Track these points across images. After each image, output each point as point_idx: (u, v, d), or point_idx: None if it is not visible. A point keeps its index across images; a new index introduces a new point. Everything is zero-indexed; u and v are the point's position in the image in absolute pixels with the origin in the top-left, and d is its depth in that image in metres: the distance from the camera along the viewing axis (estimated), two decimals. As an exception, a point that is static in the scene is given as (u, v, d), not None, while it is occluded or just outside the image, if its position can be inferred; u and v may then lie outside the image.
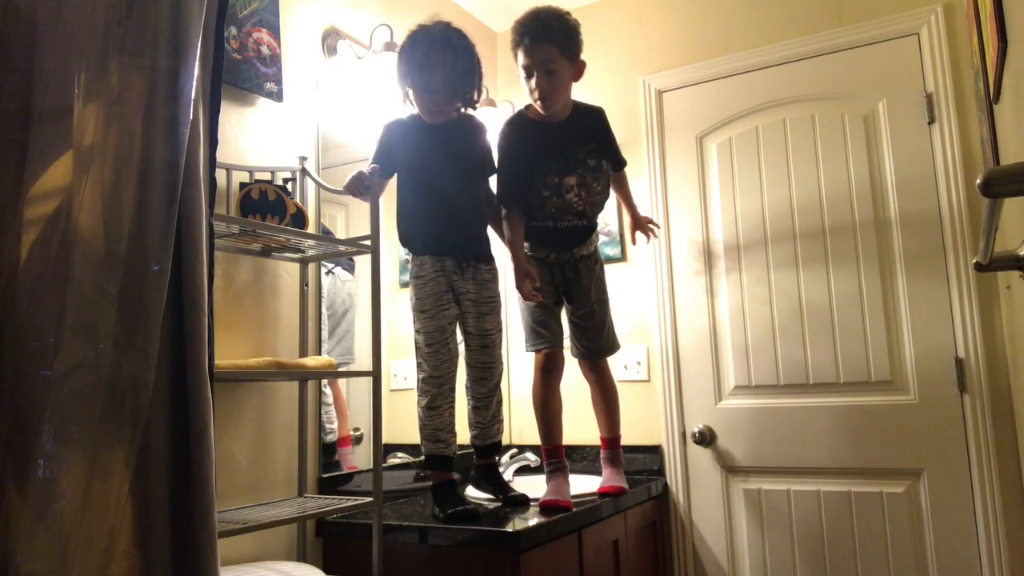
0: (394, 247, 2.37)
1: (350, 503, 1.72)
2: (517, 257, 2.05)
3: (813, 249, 2.41)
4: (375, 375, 1.79)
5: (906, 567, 2.19)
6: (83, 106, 1.00)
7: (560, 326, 2.17)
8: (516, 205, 2.10)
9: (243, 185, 1.76)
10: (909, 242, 2.28)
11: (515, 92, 2.15)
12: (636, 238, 2.38)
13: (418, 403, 1.94)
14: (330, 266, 2.14)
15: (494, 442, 2.05)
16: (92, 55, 1.02)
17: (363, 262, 2.15)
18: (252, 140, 1.91)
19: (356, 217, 2.21)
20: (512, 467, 2.47)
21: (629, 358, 2.64)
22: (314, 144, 2.09)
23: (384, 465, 2.10)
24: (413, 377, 2.01)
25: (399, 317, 2.36)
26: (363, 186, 1.88)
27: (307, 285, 1.98)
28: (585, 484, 2.25)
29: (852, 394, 2.32)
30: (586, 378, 2.24)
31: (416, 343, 1.96)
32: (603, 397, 2.22)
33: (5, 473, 0.92)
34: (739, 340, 2.49)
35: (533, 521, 1.80)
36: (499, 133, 2.15)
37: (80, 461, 0.95)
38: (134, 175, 1.04)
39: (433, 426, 1.92)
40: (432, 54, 1.93)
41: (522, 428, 2.78)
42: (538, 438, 2.13)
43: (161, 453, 1.03)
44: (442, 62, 1.93)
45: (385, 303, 1.99)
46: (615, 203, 2.59)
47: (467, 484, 2.17)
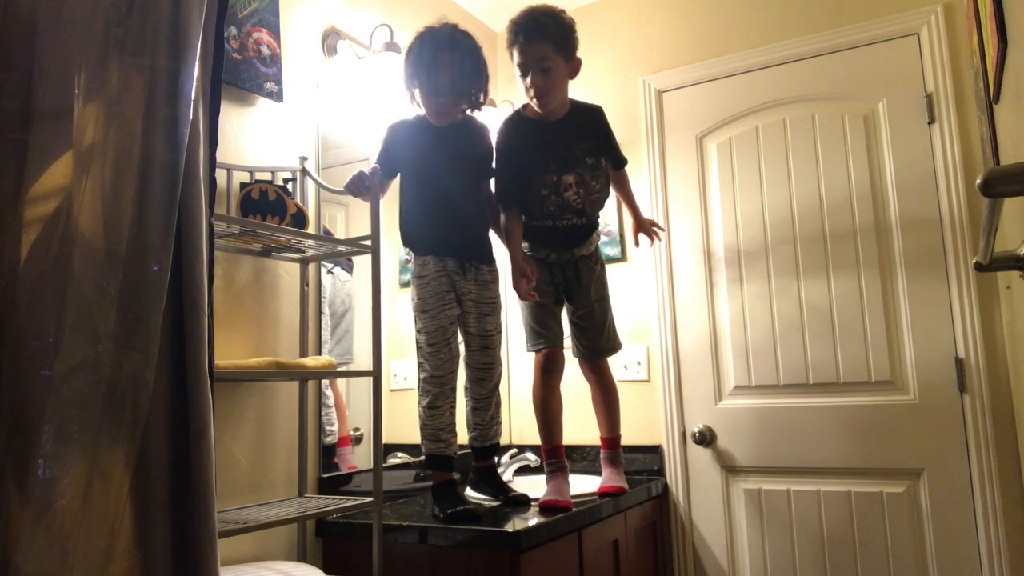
0: (394, 247, 2.37)
1: (350, 503, 1.73)
2: (514, 256, 2.05)
3: (813, 249, 2.41)
4: (375, 375, 1.79)
5: (906, 567, 2.19)
6: (83, 106, 1.00)
7: (560, 326, 2.17)
8: (514, 204, 2.11)
9: (243, 185, 1.76)
10: (909, 242, 2.28)
11: (515, 92, 2.15)
12: (639, 240, 2.36)
13: (419, 403, 1.94)
14: (330, 266, 2.14)
15: (493, 443, 2.06)
16: (92, 55, 1.02)
17: (362, 262, 2.15)
18: (252, 140, 1.91)
19: (356, 217, 2.21)
20: (512, 467, 2.47)
21: (629, 358, 2.64)
22: (314, 144, 2.09)
23: (384, 465, 2.10)
24: (413, 377, 2.01)
25: (399, 317, 2.36)
26: (363, 186, 1.89)
27: (307, 285, 1.98)
28: (585, 484, 2.25)
29: (852, 394, 2.32)
30: (586, 378, 2.24)
31: (417, 343, 1.96)
32: (603, 397, 2.22)
33: (5, 473, 0.92)
34: (739, 340, 2.49)
35: (533, 521, 1.80)
36: (497, 132, 2.16)
37: (80, 461, 0.95)
38: (134, 175, 1.04)
39: (434, 426, 1.92)
40: (440, 56, 1.93)
41: (522, 428, 2.78)
42: (538, 438, 2.13)
43: (161, 453, 1.03)
44: (449, 64, 1.94)
45: (385, 303, 1.99)
46: (615, 203, 2.59)
47: (466, 486, 2.16)
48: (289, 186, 1.89)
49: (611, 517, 2.11)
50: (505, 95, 2.81)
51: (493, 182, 2.14)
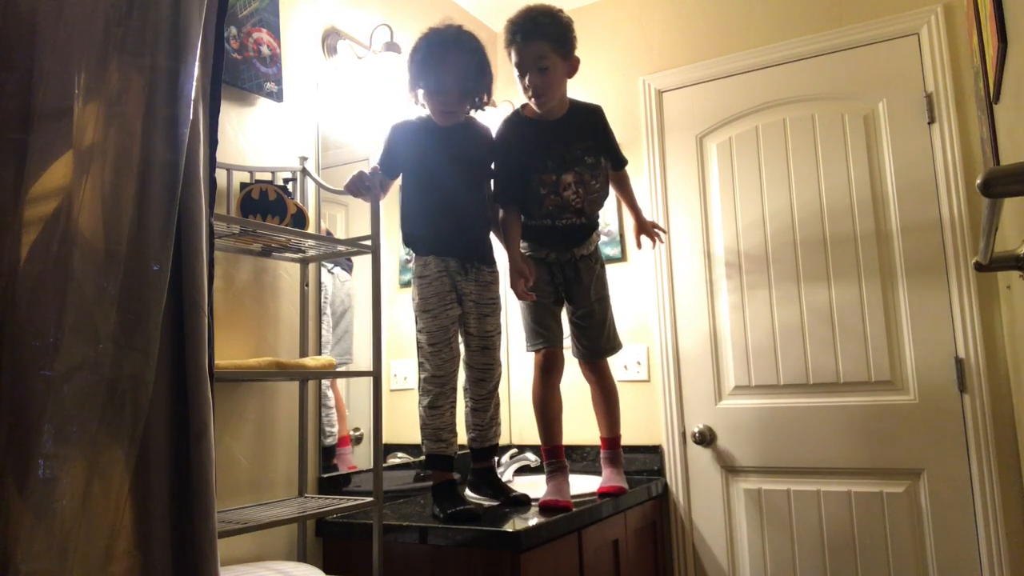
0: (394, 247, 2.37)
1: (350, 503, 1.73)
2: (512, 256, 2.05)
3: (813, 249, 2.41)
4: (375, 375, 1.79)
5: (906, 567, 2.19)
6: (83, 106, 1.00)
7: (560, 326, 2.17)
8: (512, 204, 2.11)
9: (243, 185, 1.76)
10: (909, 242, 2.28)
11: (515, 92, 2.15)
12: (641, 242, 2.36)
13: (419, 403, 1.94)
14: (329, 266, 2.14)
15: (492, 445, 2.06)
16: (92, 55, 1.02)
17: (362, 262, 2.15)
18: (252, 140, 1.91)
19: (356, 217, 2.21)
20: (512, 467, 2.47)
21: (629, 358, 2.64)
22: (314, 144, 2.09)
23: (384, 465, 2.10)
24: (413, 377, 2.01)
25: (399, 317, 2.36)
26: (363, 186, 1.89)
27: (307, 285, 1.98)
28: (585, 484, 2.25)
29: (852, 394, 2.32)
30: (586, 378, 2.24)
31: (418, 343, 1.96)
32: (603, 397, 2.22)
33: (5, 473, 0.92)
34: (739, 340, 2.48)
35: (533, 521, 1.80)
36: (496, 132, 2.16)
37: (80, 461, 0.95)
38: (134, 175, 1.04)
39: (434, 426, 1.92)
40: (446, 55, 1.94)
41: (522, 428, 2.78)
42: (538, 438, 2.13)
43: (161, 453, 1.03)
44: (455, 63, 1.95)
45: (385, 303, 1.99)
46: (615, 202, 2.59)
47: (465, 487, 2.16)
48: (289, 186, 1.89)
49: (611, 517, 2.11)
50: (505, 95, 2.81)
51: (492, 182, 2.14)
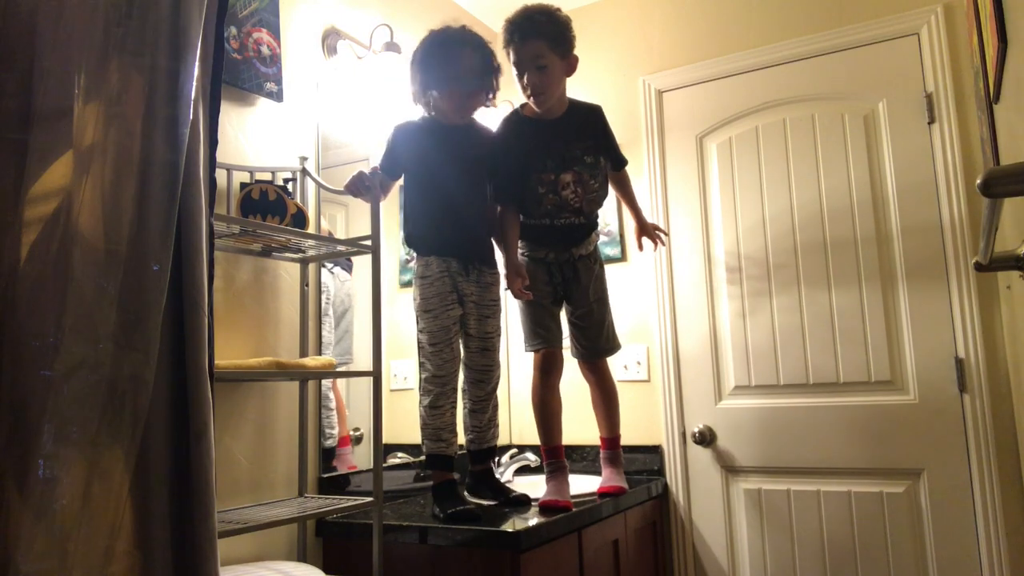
0: (394, 247, 2.37)
1: (350, 503, 1.72)
2: (509, 255, 2.05)
3: (813, 249, 2.41)
4: (375, 375, 1.79)
5: (906, 567, 2.19)
6: (83, 106, 1.01)
7: (559, 326, 2.17)
8: (511, 203, 2.11)
9: (243, 185, 1.76)
10: (909, 242, 2.28)
11: (514, 92, 2.15)
12: (643, 244, 2.36)
13: (420, 402, 1.94)
14: (329, 265, 2.14)
15: (490, 447, 2.06)
16: (92, 55, 1.02)
17: (362, 262, 2.15)
18: (252, 140, 1.91)
19: (356, 217, 2.21)
20: (512, 467, 2.47)
21: (629, 358, 2.64)
22: (314, 144, 2.09)
23: (384, 465, 2.10)
24: (413, 377, 2.01)
25: (399, 317, 2.36)
26: (363, 186, 1.89)
27: (307, 285, 1.98)
28: (585, 484, 2.25)
29: (852, 394, 2.32)
30: (585, 378, 2.24)
31: (419, 343, 1.96)
32: (603, 397, 2.22)
33: (5, 473, 0.92)
34: (739, 340, 2.48)
35: (533, 521, 1.80)
36: (495, 131, 2.16)
37: (80, 461, 0.95)
38: (134, 175, 1.04)
39: (435, 425, 1.92)
40: (463, 53, 1.96)
41: (522, 428, 2.78)
42: (538, 438, 2.13)
43: (161, 453, 1.03)
44: (471, 60, 1.97)
45: (385, 303, 1.99)
46: (615, 202, 2.59)
47: (463, 490, 2.16)
48: (289, 186, 1.89)
49: (611, 517, 2.11)
50: (504, 95, 2.80)
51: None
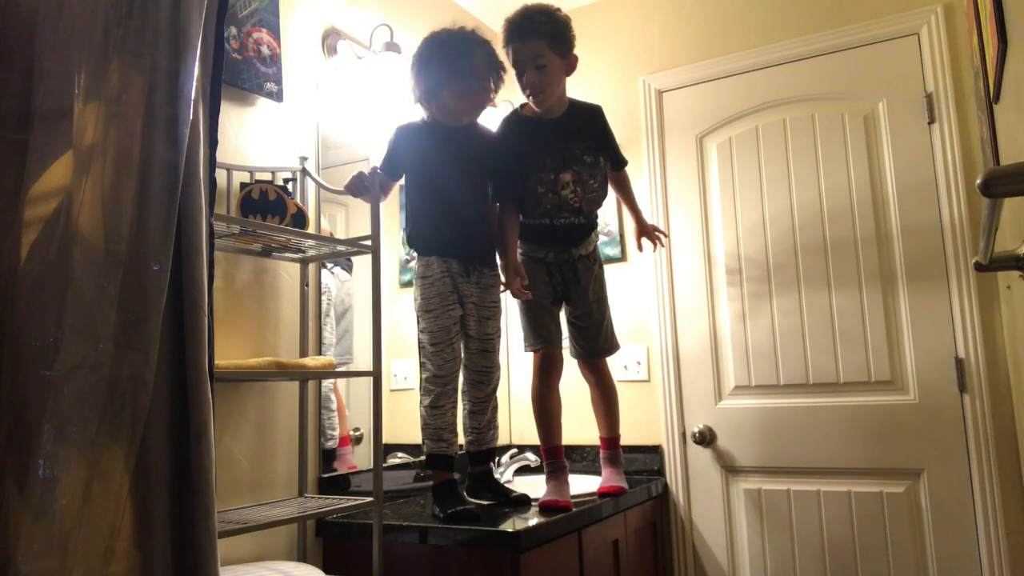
0: (394, 247, 2.37)
1: (350, 503, 1.72)
2: (509, 255, 2.05)
3: (813, 249, 2.41)
4: (375, 375, 1.79)
5: (906, 567, 2.19)
6: (83, 106, 1.01)
7: (558, 326, 2.16)
8: (510, 202, 2.11)
9: (243, 185, 1.76)
10: (909, 242, 2.28)
11: (514, 92, 2.15)
12: (642, 245, 2.36)
13: (421, 402, 1.94)
14: (330, 265, 2.14)
15: (489, 448, 2.06)
16: (92, 55, 1.02)
17: (362, 262, 2.15)
18: (252, 140, 1.91)
19: (356, 217, 2.21)
20: (512, 467, 2.47)
21: (629, 358, 2.64)
22: (314, 144, 2.09)
23: (384, 465, 2.10)
24: (413, 377, 2.01)
25: (399, 317, 2.36)
26: (363, 186, 1.89)
27: (307, 285, 1.98)
28: (585, 484, 2.25)
29: (852, 394, 2.32)
30: (585, 378, 2.24)
31: (420, 343, 1.96)
32: (602, 397, 2.22)
33: (5, 473, 0.92)
34: (739, 340, 2.48)
35: (533, 521, 1.80)
36: (495, 131, 2.16)
37: (80, 461, 0.95)
38: (134, 175, 1.04)
39: (436, 425, 1.92)
40: (474, 52, 1.97)
41: (522, 428, 2.78)
42: (538, 438, 2.13)
43: (161, 453, 1.03)
44: (481, 59, 1.98)
45: (385, 303, 1.99)
46: (615, 203, 2.59)
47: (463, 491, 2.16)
48: (289, 186, 1.89)
49: (611, 517, 2.11)
50: (504, 95, 2.81)
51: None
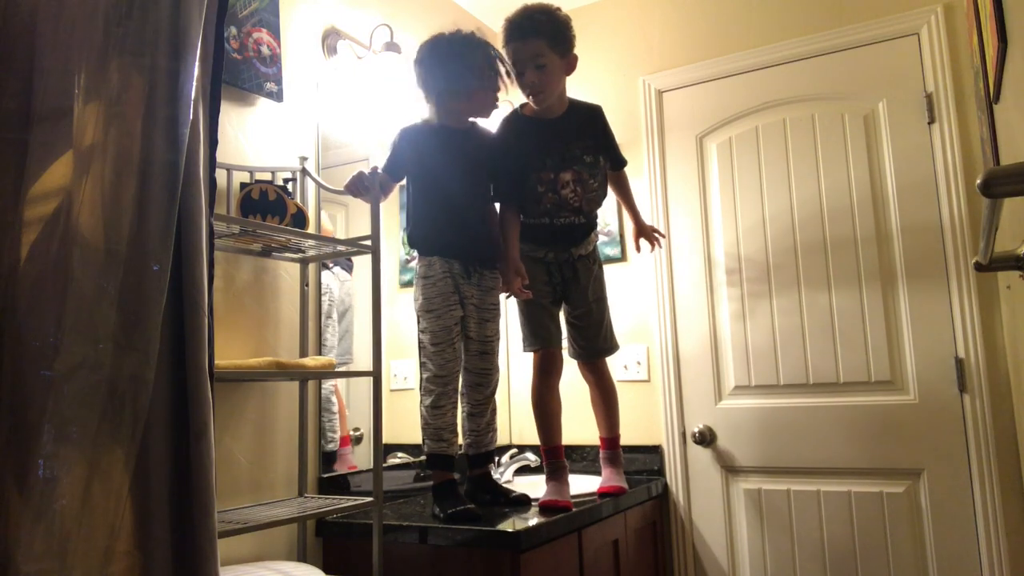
0: (394, 247, 2.37)
1: (350, 503, 1.72)
2: (510, 254, 2.05)
3: (813, 249, 2.40)
4: (375, 375, 1.79)
5: (906, 567, 2.19)
6: (83, 106, 1.01)
7: (558, 326, 2.17)
8: (511, 202, 2.11)
9: (243, 185, 1.76)
10: (909, 242, 2.28)
11: (515, 92, 2.15)
12: (640, 246, 2.36)
13: (421, 402, 1.94)
14: (330, 265, 2.14)
15: (488, 451, 2.06)
16: (92, 55, 1.02)
17: (362, 262, 2.15)
18: (252, 140, 1.91)
19: (356, 217, 2.21)
20: (512, 467, 2.47)
21: (629, 358, 2.64)
22: (314, 144, 2.09)
23: (384, 465, 2.10)
24: (413, 377, 2.01)
25: (399, 317, 2.36)
26: (363, 187, 1.89)
27: (307, 285, 1.98)
28: (585, 484, 2.25)
29: (852, 394, 2.32)
30: (585, 379, 2.24)
31: (421, 343, 1.96)
32: (602, 397, 2.22)
33: (5, 473, 0.92)
34: (739, 340, 2.48)
35: (533, 521, 1.80)
36: (495, 131, 2.16)
37: (80, 461, 0.95)
38: (134, 175, 1.04)
39: (436, 425, 1.92)
40: (487, 53, 1.99)
41: (522, 428, 2.78)
42: (538, 438, 2.13)
43: (161, 453, 1.03)
44: (487, 61, 2.00)
45: (385, 303, 1.99)
46: (615, 203, 2.59)
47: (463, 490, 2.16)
48: (289, 186, 1.89)
49: (611, 517, 2.11)
50: (504, 95, 2.81)
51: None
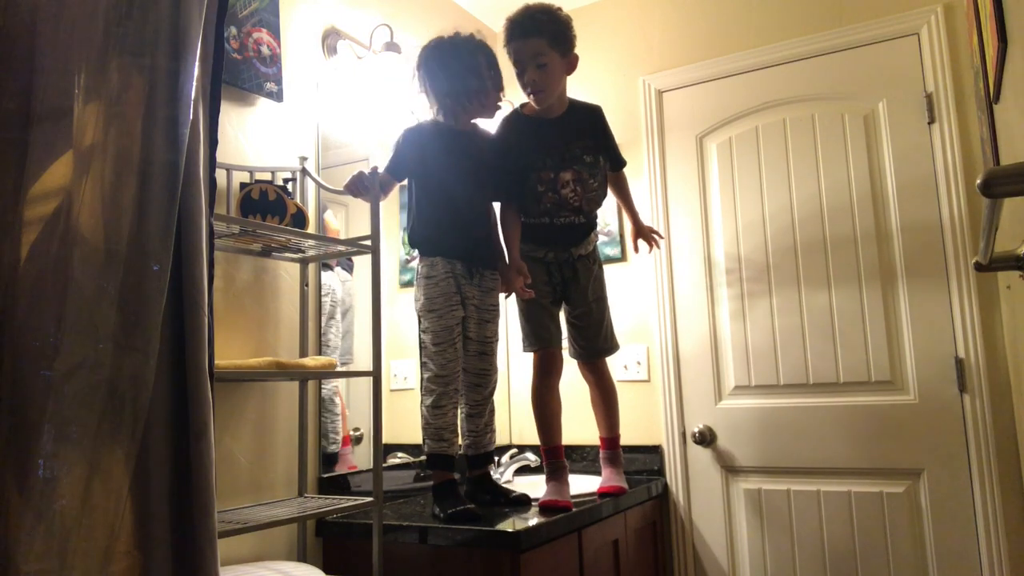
0: (394, 247, 2.37)
1: (350, 503, 1.72)
2: (511, 254, 2.05)
3: (813, 249, 2.41)
4: (375, 375, 1.79)
5: (906, 567, 2.19)
6: (83, 106, 1.01)
7: (558, 326, 2.17)
8: (511, 201, 2.11)
9: (243, 185, 1.76)
10: (909, 242, 2.28)
11: (515, 92, 2.15)
12: (639, 246, 2.36)
13: (422, 402, 1.94)
14: (332, 265, 2.14)
15: (487, 452, 2.06)
16: (92, 55, 1.02)
17: (362, 262, 2.15)
18: (252, 140, 1.91)
19: (356, 217, 2.21)
20: (512, 467, 2.47)
21: (629, 358, 2.64)
22: (314, 144, 2.09)
23: (384, 465, 2.10)
24: (413, 377, 2.01)
25: (399, 317, 2.36)
26: (363, 187, 1.89)
27: (307, 285, 1.98)
28: (585, 484, 2.25)
29: (852, 394, 2.32)
30: (585, 379, 2.24)
31: (422, 343, 1.96)
32: (602, 397, 2.22)
33: (5, 473, 0.92)
34: (739, 340, 2.48)
35: (533, 521, 1.80)
36: (495, 131, 2.16)
37: (80, 461, 0.95)
38: (134, 175, 1.04)
39: (437, 425, 1.92)
40: (493, 55, 2.01)
41: (522, 428, 2.78)
42: (538, 438, 2.13)
43: (161, 453, 1.03)
44: (488, 62, 2.02)
45: (385, 303, 1.99)
46: (615, 203, 2.59)
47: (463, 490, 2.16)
48: (289, 186, 1.89)
49: (611, 517, 2.11)
50: (504, 95, 2.81)
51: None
